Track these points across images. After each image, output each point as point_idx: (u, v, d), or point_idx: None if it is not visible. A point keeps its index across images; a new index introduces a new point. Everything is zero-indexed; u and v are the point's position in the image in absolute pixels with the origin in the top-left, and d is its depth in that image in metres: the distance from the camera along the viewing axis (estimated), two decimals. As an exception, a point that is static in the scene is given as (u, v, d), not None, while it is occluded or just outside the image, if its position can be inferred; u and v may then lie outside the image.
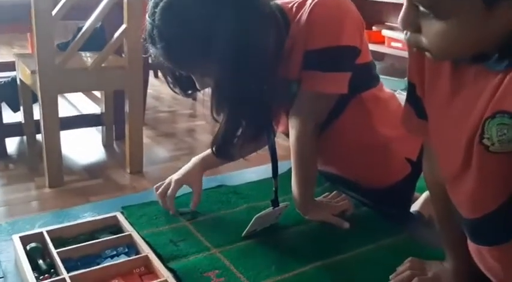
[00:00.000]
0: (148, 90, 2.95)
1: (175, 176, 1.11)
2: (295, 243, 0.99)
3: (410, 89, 0.79)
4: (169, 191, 1.09)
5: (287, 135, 1.08)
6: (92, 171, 2.08)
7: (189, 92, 1.05)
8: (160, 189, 1.11)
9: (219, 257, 0.93)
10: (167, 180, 1.12)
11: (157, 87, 3.43)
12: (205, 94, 1.05)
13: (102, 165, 2.19)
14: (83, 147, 2.35)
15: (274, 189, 1.03)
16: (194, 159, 1.14)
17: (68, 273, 0.81)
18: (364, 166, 1.08)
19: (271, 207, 1.03)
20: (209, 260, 0.92)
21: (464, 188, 0.67)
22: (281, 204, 1.04)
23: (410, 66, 0.77)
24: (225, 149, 0.99)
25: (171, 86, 1.03)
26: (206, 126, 2.73)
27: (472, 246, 0.75)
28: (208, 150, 1.17)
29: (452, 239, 0.84)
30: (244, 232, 1.00)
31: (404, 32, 0.62)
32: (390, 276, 0.88)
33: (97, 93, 2.62)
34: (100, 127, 2.48)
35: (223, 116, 0.94)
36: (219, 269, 0.89)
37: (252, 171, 1.38)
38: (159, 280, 0.81)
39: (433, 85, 0.72)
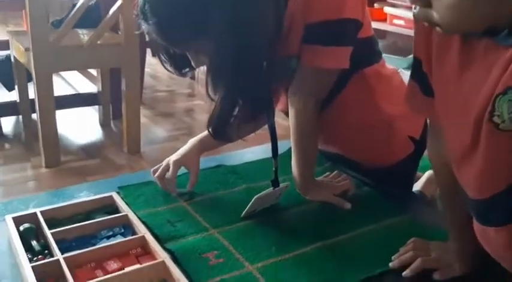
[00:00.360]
0: (146, 69, 2.91)
1: (173, 158, 1.08)
2: (296, 224, 0.97)
3: (416, 65, 0.76)
4: (169, 174, 1.06)
5: (287, 113, 1.05)
6: (89, 151, 2.06)
7: (184, 70, 1.01)
8: (158, 172, 1.08)
9: (217, 238, 0.91)
10: (164, 162, 1.09)
11: (155, 66, 3.38)
12: (203, 73, 1.02)
13: (100, 145, 2.17)
14: (80, 126, 2.33)
15: (274, 169, 1.01)
16: (192, 141, 1.11)
17: (62, 254, 0.79)
18: (366, 145, 1.06)
19: (271, 188, 1.00)
20: (207, 241, 0.90)
21: (472, 167, 0.65)
22: (281, 185, 1.01)
23: (416, 42, 0.74)
24: (222, 130, 0.96)
25: (165, 64, 0.99)
26: (205, 106, 2.70)
27: (477, 227, 0.72)
28: (206, 132, 1.14)
29: (458, 219, 0.82)
30: (244, 213, 0.98)
31: (413, 6, 0.59)
32: (393, 257, 0.86)
33: (93, 72, 2.58)
34: (97, 106, 2.45)
35: (219, 95, 0.91)
36: (218, 250, 0.87)
37: (251, 151, 1.35)
38: (156, 261, 0.79)
39: (440, 60, 0.69)
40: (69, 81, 2.84)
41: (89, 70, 2.62)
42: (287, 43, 0.94)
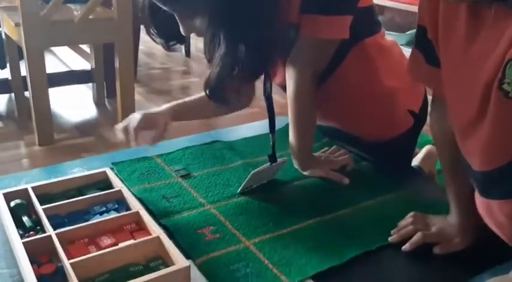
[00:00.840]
0: (140, 47, 2.86)
1: (143, 112, 1.01)
2: (293, 199, 0.95)
3: (420, 34, 0.73)
4: (131, 126, 0.98)
5: (284, 88, 1.02)
6: (84, 128, 2.03)
7: (172, 43, 0.98)
8: (122, 125, 0.99)
9: (213, 214, 0.89)
10: (132, 116, 1.01)
11: (150, 43, 3.32)
12: (199, 50, 0.98)
13: (94, 122, 2.14)
14: (74, 104, 2.29)
15: (271, 144, 0.98)
16: (167, 106, 1.05)
17: (54, 230, 0.77)
18: (365, 118, 1.03)
19: (269, 163, 0.98)
20: (203, 217, 0.88)
21: (477, 138, 0.63)
22: (279, 160, 0.99)
23: (421, 9, 0.71)
24: (220, 92, 0.93)
25: (153, 36, 0.96)
26: (200, 83, 2.66)
27: (480, 201, 0.71)
28: (181, 101, 1.09)
29: (459, 192, 0.81)
30: (240, 188, 0.96)
31: None
32: (392, 231, 0.84)
33: (86, 49, 2.52)
34: (91, 84, 2.41)
35: (217, 57, 0.87)
36: (214, 226, 0.86)
37: (248, 127, 1.33)
38: (151, 236, 0.77)
39: (448, 28, 0.66)
40: (62, 59, 2.79)
41: (82, 47, 2.57)
42: (285, 10, 0.90)
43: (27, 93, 2.13)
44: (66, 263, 0.70)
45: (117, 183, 0.92)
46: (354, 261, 0.78)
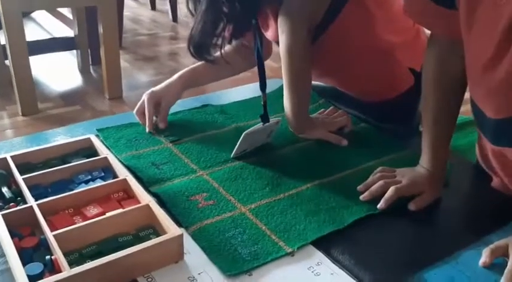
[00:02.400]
0: (126, 13, 2.75)
1: (153, 89, 1.03)
2: (290, 163, 0.91)
3: None
4: (147, 108, 1.00)
5: (278, 43, 0.96)
6: (68, 97, 1.95)
7: None
8: (136, 107, 1.01)
9: (206, 180, 0.85)
10: (144, 96, 1.02)
11: (135, 9, 3.20)
12: (186, 15, 0.92)
13: (79, 91, 2.06)
14: (58, 72, 2.20)
15: (262, 103, 0.93)
16: (178, 75, 1.05)
17: (36, 200, 0.72)
18: (364, 76, 0.98)
19: (261, 124, 0.93)
20: (196, 183, 0.83)
21: (492, 82, 0.58)
22: (272, 120, 0.94)
23: None
24: (204, 49, 0.87)
25: None
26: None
27: (493, 150, 0.67)
28: (192, 66, 1.05)
29: (437, 140, 0.80)
30: (233, 152, 0.91)
31: None
32: (358, 187, 0.81)
33: (68, 15, 2.41)
34: (74, 51, 2.31)
35: (198, 12, 0.80)
36: (207, 192, 0.81)
37: (240, 90, 1.27)
38: (140, 204, 0.72)
39: None
40: (44, 26, 2.67)
41: (64, 13, 2.46)
42: None
43: (7, 62, 2.04)
44: (49, 235, 0.65)
45: (103, 151, 0.87)
46: (356, 226, 0.74)
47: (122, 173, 0.80)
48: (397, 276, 0.65)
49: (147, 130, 0.99)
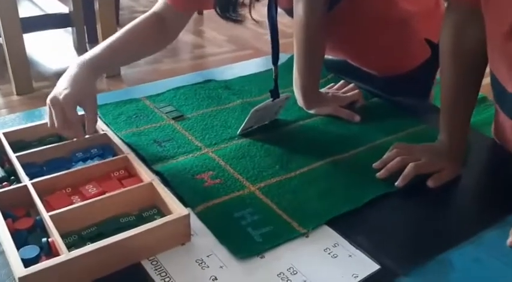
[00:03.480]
0: (122, -11, 2.66)
1: (64, 92, 0.73)
2: (300, 140, 0.86)
3: None
4: (69, 116, 0.73)
5: (290, 12, 0.90)
6: (65, 76, 1.89)
7: None
8: (55, 122, 0.74)
9: (212, 157, 0.80)
10: (51, 105, 0.74)
11: (132, -15, 3.10)
12: None
13: (76, 70, 2.00)
14: (53, 51, 2.13)
15: (274, 77, 0.87)
16: (81, 63, 0.79)
17: (30, 179, 0.67)
18: (380, 48, 0.92)
19: (270, 99, 0.88)
20: (201, 161, 0.78)
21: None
22: (281, 95, 0.89)
23: None
24: (232, 7, 0.79)
25: None
26: (189, 26, 2.48)
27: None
28: (95, 49, 0.84)
29: (458, 113, 0.76)
30: (240, 129, 0.86)
31: None
32: (374, 165, 0.76)
33: (63, -10, 2.33)
34: (70, 29, 2.24)
35: None
36: (213, 170, 0.76)
37: (244, 65, 1.21)
38: (142, 183, 0.67)
39: None
40: (37, 3, 2.58)
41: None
42: None
43: (0, 40, 1.97)
44: (46, 215, 0.60)
45: (102, 127, 0.82)
46: (373, 205, 0.70)
47: (123, 149, 0.75)
48: (419, 258, 0.61)
49: (83, 137, 0.76)
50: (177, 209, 0.62)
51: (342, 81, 1.00)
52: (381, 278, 0.58)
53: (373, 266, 0.59)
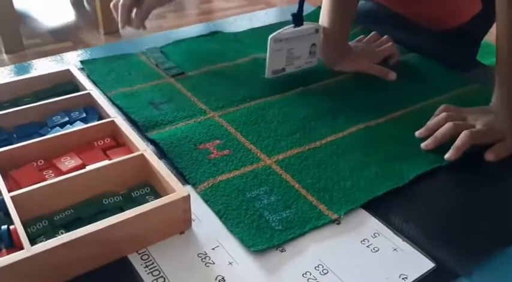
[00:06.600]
0: None
1: None
2: (325, 102, 0.71)
3: None
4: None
5: None
6: (59, 33, 1.73)
7: None
8: (113, 2, 0.82)
9: (219, 123, 0.66)
10: None
11: None
12: None
13: (72, 26, 1.83)
14: (48, 7, 1.97)
15: None
16: None
17: (-5, 149, 0.54)
18: None
19: (291, 26, 0.72)
20: (205, 127, 0.65)
21: None
22: (309, 24, 0.73)
23: None
24: None
25: None
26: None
27: None
28: None
29: None
30: (268, 71, 0.72)
31: None
32: (418, 132, 0.63)
33: None
34: (65, -18, 2.06)
35: None
36: (221, 139, 0.62)
37: (253, 16, 1.05)
38: (132, 155, 0.54)
39: None
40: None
41: None
42: None
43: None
44: (6, 195, 0.47)
45: (87, 86, 0.68)
46: (419, 182, 0.56)
47: (110, 113, 0.61)
48: (483, 251, 0.48)
49: (120, 26, 0.82)
50: (174, 188, 0.49)
51: (373, 33, 0.84)
52: (436, 280, 0.45)
53: (426, 264, 0.46)
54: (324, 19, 0.76)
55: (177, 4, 1.98)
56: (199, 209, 0.51)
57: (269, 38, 0.70)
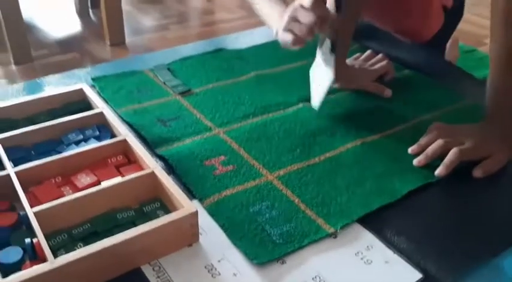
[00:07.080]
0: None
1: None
2: (325, 119, 0.75)
3: None
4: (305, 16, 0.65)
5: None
6: (66, 44, 1.78)
7: None
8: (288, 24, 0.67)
9: (224, 139, 0.70)
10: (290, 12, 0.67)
11: None
12: None
13: (78, 37, 1.88)
14: (54, 17, 2.01)
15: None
16: None
17: (15, 166, 0.58)
18: (404, 13, 0.81)
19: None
20: (211, 144, 0.69)
21: None
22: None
23: None
24: None
25: None
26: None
27: None
28: None
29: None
30: (319, 103, 0.74)
31: None
32: (410, 149, 0.66)
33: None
34: (71, -7, 2.11)
35: None
36: (225, 155, 0.66)
37: (258, 32, 1.09)
38: (143, 172, 0.58)
39: None
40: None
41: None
42: None
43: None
44: (29, 211, 0.51)
45: (98, 104, 0.72)
46: (411, 198, 0.60)
47: (122, 131, 0.65)
48: (468, 264, 0.51)
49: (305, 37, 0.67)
50: (183, 204, 0.53)
51: (368, 51, 0.89)
52: (424, 290, 0.49)
53: (414, 275, 0.50)
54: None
55: (180, 16, 2.03)
56: (206, 222, 0.55)
57: (330, 79, 0.72)
